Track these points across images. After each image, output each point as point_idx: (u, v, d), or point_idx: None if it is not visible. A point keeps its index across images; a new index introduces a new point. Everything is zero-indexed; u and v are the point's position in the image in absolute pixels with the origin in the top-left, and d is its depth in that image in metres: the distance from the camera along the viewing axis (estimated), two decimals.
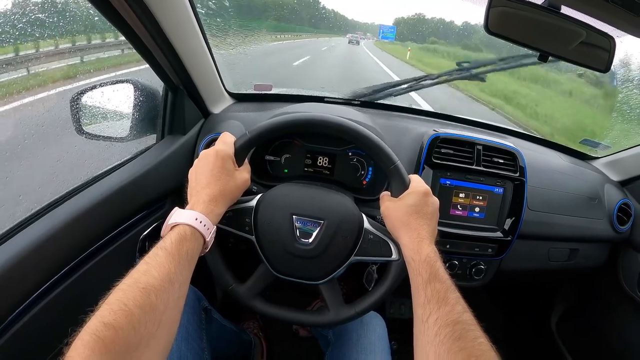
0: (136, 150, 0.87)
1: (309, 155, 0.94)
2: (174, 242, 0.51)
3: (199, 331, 0.76)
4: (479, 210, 0.94)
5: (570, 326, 1.32)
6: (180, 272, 0.49)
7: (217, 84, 1.01)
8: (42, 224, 0.61)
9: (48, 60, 1.10)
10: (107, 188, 0.72)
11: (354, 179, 0.94)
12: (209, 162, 0.61)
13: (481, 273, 0.97)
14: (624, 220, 1.08)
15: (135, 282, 0.45)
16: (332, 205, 0.68)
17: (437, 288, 0.53)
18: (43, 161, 0.83)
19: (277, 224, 0.66)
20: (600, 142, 1.22)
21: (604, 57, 0.78)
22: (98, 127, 0.86)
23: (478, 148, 0.92)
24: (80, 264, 0.66)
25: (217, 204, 0.59)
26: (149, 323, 0.43)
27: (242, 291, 0.68)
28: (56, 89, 1.05)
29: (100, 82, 0.84)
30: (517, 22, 0.75)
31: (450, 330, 0.48)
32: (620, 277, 1.13)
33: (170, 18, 0.71)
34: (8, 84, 0.99)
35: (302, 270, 0.67)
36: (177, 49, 0.76)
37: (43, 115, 0.85)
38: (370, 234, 0.66)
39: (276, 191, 0.69)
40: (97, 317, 0.40)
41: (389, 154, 0.66)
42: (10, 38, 0.73)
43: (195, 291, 0.81)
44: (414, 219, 0.61)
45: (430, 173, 0.91)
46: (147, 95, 0.90)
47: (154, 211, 0.87)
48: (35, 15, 0.74)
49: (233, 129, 0.94)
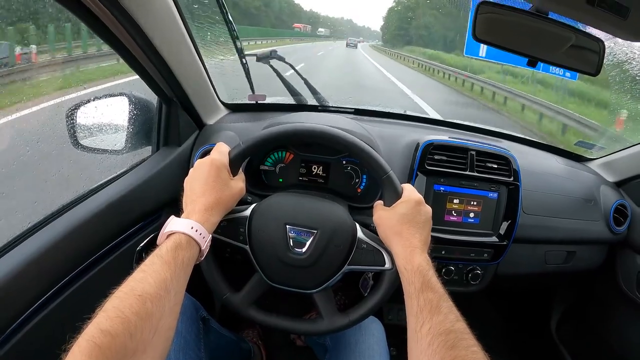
0: (132, 163, 0.88)
1: (304, 164, 0.94)
2: (169, 250, 0.51)
3: (197, 341, 0.76)
4: (474, 216, 0.94)
5: (569, 328, 1.32)
6: (176, 280, 0.49)
7: (210, 95, 1.02)
8: (41, 236, 0.62)
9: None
10: (104, 200, 0.73)
11: (348, 187, 0.94)
12: (204, 171, 0.61)
13: (478, 278, 0.97)
14: (620, 221, 1.08)
15: (132, 289, 0.45)
16: (325, 214, 0.68)
17: (430, 297, 0.53)
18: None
19: (271, 234, 0.66)
20: (595, 144, 1.22)
21: (594, 60, 0.78)
22: (94, 141, 0.87)
23: (471, 153, 0.93)
24: (78, 275, 0.67)
25: (213, 213, 0.59)
26: (145, 330, 0.43)
27: (236, 300, 0.68)
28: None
29: (94, 96, 0.85)
30: (504, 28, 0.76)
31: (444, 339, 0.48)
32: (619, 278, 1.13)
33: (160, 32, 0.72)
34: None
35: (296, 279, 0.67)
36: (168, 62, 0.77)
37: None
38: (364, 243, 0.67)
39: (270, 201, 0.70)
40: (93, 324, 0.41)
41: (382, 163, 0.66)
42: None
43: (193, 301, 0.81)
44: (406, 228, 0.62)
45: (424, 180, 0.91)
46: (142, 108, 0.91)
47: (150, 222, 0.87)
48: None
49: (228, 139, 0.95)
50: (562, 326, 1.33)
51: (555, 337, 1.33)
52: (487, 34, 0.74)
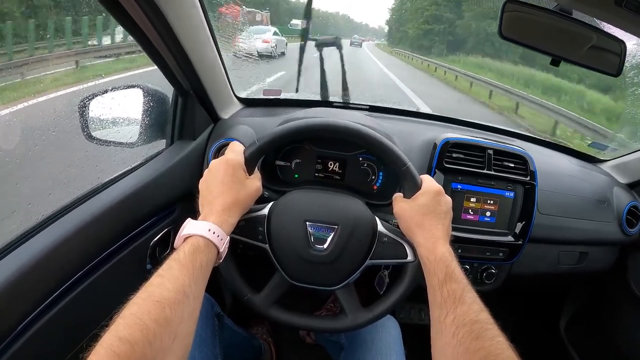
0: (146, 156, 0.87)
1: (320, 160, 0.93)
2: (187, 254, 0.50)
3: (213, 338, 0.76)
4: (490, 215, 0.93)
5: (579, 329, 1.32)
6: (194, 284, 0.48)
7: (226, 89, 1.01)
8: (54, 230, 0.61)
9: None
10: (117, 194, 0.72)
11: (364, 184, 0.93)
12: (220, 172, 0.60)
13: (492, 277, 0.96)
14: (633, 223, 1.08)
15: (150, 295, 0.44)
16: (345, 209, 0.68)
17: (453, 288, 0.53)
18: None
19: (291, 231, 0.65)
20: (608, 145, 1.22)
21: (615, 61, 0.78)
22: (107, 133, 0.86)
23: (489, 152, 0.92)
24: (91, 270, 0.66)
25: (230, 214, 0.58)
26: (165, 337, 0.42)
27: (258, 301, 0.67)
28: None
29: (109, 87, 0.84)
30: (529, 27, 0.76)
31: (468, 330, 0.48)
32: (630, 280, 1.13)
33: (183, 22, 0.70)
34: None
35: (318, 276, 0.66)
36: (189, 53, 0.76)
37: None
38: (385, 236, 0.66)
39: (288, 198, 0.69)
40: (111, 332, 0.40)
41: (400, 155, 0.66)
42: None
43: (208, 297, 0.80)
44: (428, 218, 0.61)
45: (441, 177, 0.90)
46: (157, 101, 0.90)
47: (165, 217, 0.86)
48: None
49: (243, 133, 0.94)
50: (571, 327, 1.34)
51: (564, 337, 1.33)
52: (513, 32, 0.74)
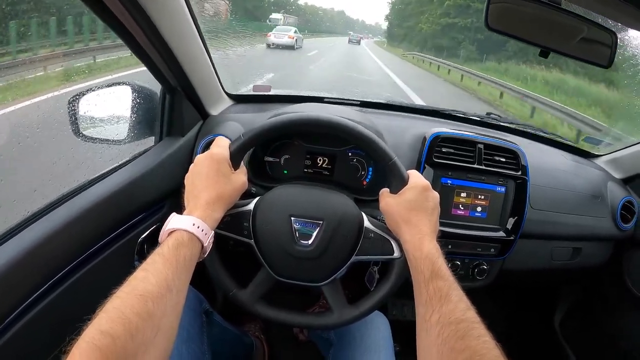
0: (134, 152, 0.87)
1: (309, 155, 0.93)
2: (171, 248, 0.50)
3: (200, 334, 0.75)
4: (481, 210, 0.93)
5: (574, 325, 1.31)
6: (177, 278, 0.48)
7: (215, 86, 1.01)
8: (41, 225, 0.60)
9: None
10: (105, 190, 0.72)
11: (354, 180, 0.93)
12: (205, 167, 0.60)
13: (484, 273, 0.96)
14: (627, 218, 1.07)
15: (133, 289, 0.45)
16: (330, 205, 0.67)
17: (440, 286, 0.52)
18: None
19: (276, 227, 0.65)
20: (603, 140, 1.21)
21: (606, 53, 0.77)
22: (96, 130, 0.85)
23: (479, 147, 0.91)
24: (78, 266, 0.66)
25: (215, 209, 0.58)
26: (147, 330, 0.42)
27: (243, 297, 0.67)
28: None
29: (97, 84, 0.83)
30: (517, 18, 0.75)
31: (454, 329, 0.47)
32: (625, 275, 1.12)
33: (167, 20, 0.70)
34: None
35: (304, 272, 0.66)
36: (174, 50, 0.75)
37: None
38: (371, 232, 0.66)
39: (273, 193, 0.68)
40: (94, 325, 0.40)
41: (386, 149, 0.65)
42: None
43: (196, 294, 0.80)
44: (415, 214, 0.60)
45: (431, 172, 0.90)
46: (145, 98, 0.90)
47: (153, 213, 0.86)
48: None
49: (231, 130, 0.93)
50: (566, 323, 1.33)
51: (559, 333, 1.32)
52: (500, 23, 0.73)
